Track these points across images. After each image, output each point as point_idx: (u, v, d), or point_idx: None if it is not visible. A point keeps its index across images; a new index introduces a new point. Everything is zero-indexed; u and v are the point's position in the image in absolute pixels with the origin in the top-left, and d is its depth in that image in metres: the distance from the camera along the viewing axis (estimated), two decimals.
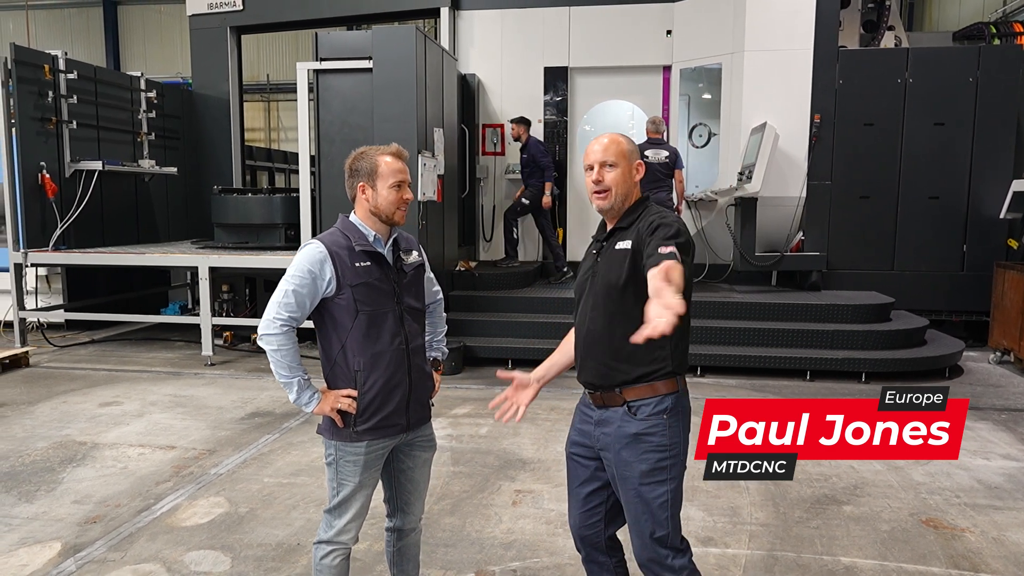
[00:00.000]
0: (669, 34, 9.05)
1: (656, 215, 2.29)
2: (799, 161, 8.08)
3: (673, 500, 2.33)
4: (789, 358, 6.90)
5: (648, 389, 2.31)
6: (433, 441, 2.76)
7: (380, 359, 2.50)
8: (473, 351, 7.36)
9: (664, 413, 2.31)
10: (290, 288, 2.45)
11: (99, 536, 3.70)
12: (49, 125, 8.11)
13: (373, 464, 2.56)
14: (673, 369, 2.32)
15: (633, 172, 2.39)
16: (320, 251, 2.46)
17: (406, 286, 2.59)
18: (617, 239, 2.34)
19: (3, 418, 5.67)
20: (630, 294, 2.26)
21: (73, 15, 19.89)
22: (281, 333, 2.45)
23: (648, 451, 2.30)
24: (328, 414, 2.50)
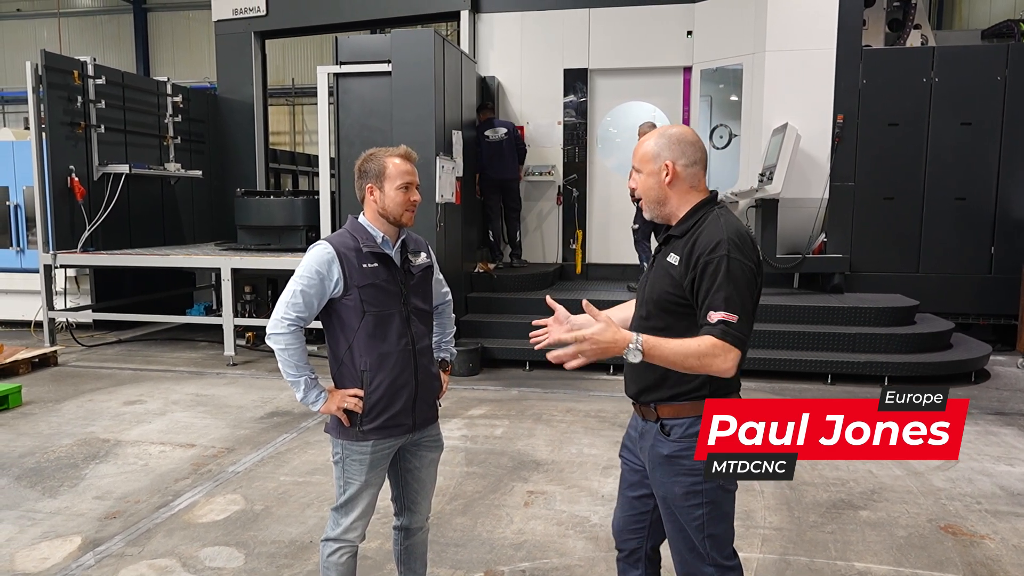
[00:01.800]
0: (690, 35, 9.00)
1: (710, 233, 2.09)
2: (821, 162, 7.99)
3: (710, 520, 2.19)
4: (810, 361, 6.82)
5: (680, 409, 2.19)
6: (440, 441, 2.77)
7: (386, 359, 2.53)
8: (491, 352, 7.38)
9: (697, 435, 2.15)
10: (298, 288, 2.48)
11: (118, 531, 3.78)
12: (78, 129, 8.29)
13: (379, 463, 2.59)
14: (710, 392, 2.16)
15: (661, 176, 2.19)
16: (328, 252, 2.49)
17: (413, 287, 2.61)
18: (670, 248, 2.20)
19: (31, 415, 5.81)
20: (670, 313, 2.17)
21: (105, 22, 20.33)
22: (289, 333, 2.49)
23: (681, 474, 2.18)
24: (334, 413, 2.53)
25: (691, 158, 2.19)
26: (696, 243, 2.11)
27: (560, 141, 9.49)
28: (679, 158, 2.19)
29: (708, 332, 2.03)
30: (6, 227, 9.41)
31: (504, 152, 8.55)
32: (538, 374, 7.18)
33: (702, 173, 2.24)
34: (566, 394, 6.44)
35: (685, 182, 2.20)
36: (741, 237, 2.09)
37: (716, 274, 2.04)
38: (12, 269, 9.49)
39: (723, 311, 2.01)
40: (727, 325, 2.01)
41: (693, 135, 2.24)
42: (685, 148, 2.19)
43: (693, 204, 2.20)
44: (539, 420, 5.67)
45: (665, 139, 2.21)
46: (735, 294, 2.02)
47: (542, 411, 5.92)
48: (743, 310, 2.03)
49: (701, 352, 2.01)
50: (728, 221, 2.13)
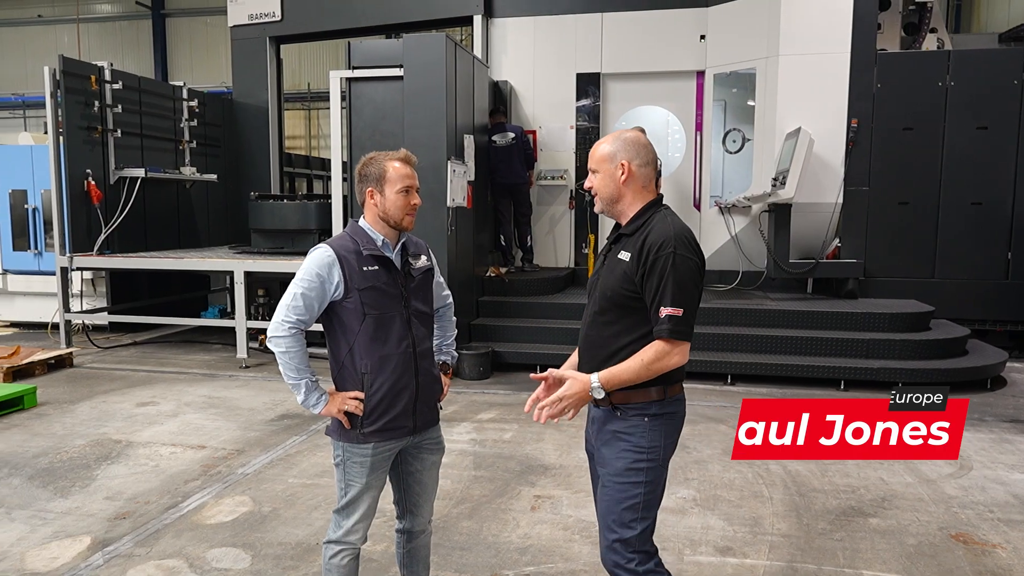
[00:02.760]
0: (703, 39, 8.98)
1: (658, 232, 2.27)
2: (835, 166, 7.93)
3: (645, 503, 2.31)
4: (823, 367, 6.77)
5: (635, 394, 2.32)
6: (441, 444, 2.78)
7: (387, 362, 2.54)
8: (502, 356, 7.38)
9: (646, 415, 2.32)
10: (299, 291, 2.50)
11: (127, 532, 3.81)
12: (95, 134, 8.40)
13: (380, 466, 2.59)
14: (661, 378, 2.31)
15: (616, 175, 2.36)
16: (328, 255, 2.51)
17: (414, 290, 2.62)
18: (621, 246, 2.36)
19: (46, 416, 5.88)
20: (622, 307, 2.32)
21: (124, 27, 20.58)
22: (289, 336, 2.50)
23: (626, 449, 2.32)
24: (335, 416, 2.54)
25: (644, 159, 2.37)
26: (646, 240, 2.28)
27: (573, 145, 9.49)
28: (634, 158, 2.36)
29: (658, 331, 2.24)
30: (24, 230, 9.54)
31: (512, 157, 8.56)
32: None
33: (654, 174, 2.41)
34: None
35: (639, 181, 2.37)
36: (686, 235, 2.29)
37: (664, 269, 2.22)
38: (30, 271, 9.61)
39: (670, 306, 2.22)
40: (674, 322, 2.22)
41: (646, 139, 2.42)
42: (639, 150, 2.37)
43: (643, 204, 2.37)
44: (548, 424, 5.62)
45: (621, 141, 2.39)
46: (681, 288, 2.22)
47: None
48: (688, 303, 2.23)
49: (653, 359, 2.25)
50: (674, 221, 2.33)
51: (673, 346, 2.23)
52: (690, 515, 4.01)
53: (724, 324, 7.31)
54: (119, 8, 20.50)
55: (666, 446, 2.35)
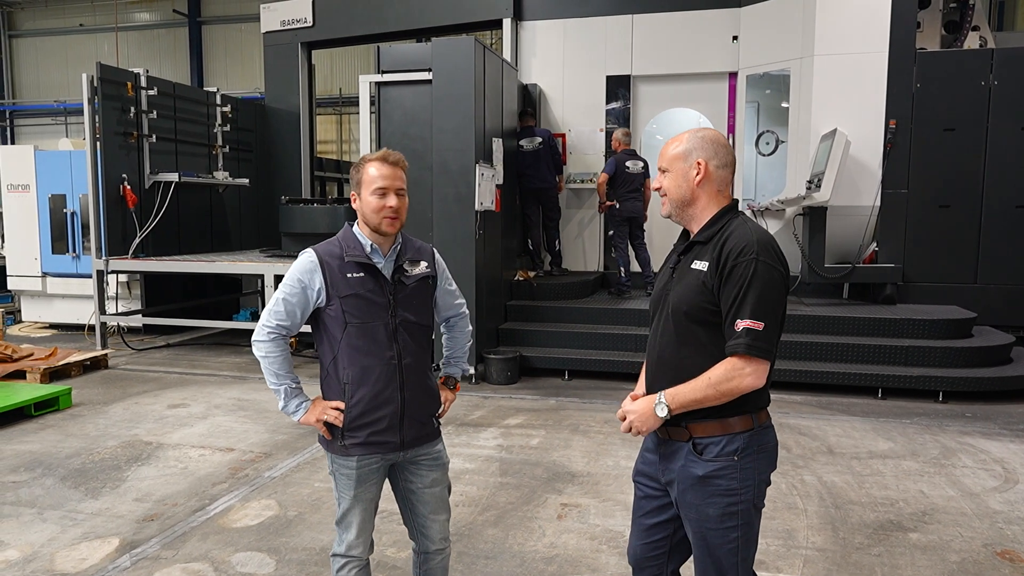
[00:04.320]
0: (735, 40, 8.84)
1: (738, 237, 2.04)
2: (872, 169, 7.74)
3: (744, 545, 2.11)
4: (860, 375, 6.59)
5: (717, 426, 2.07)
6: (441, 460, 2.62)
7: (368, 373, 2.43)
8: (530, 361, 7.32)
9: (735, 454, 2.07)
10: (281, 296, 2.44)
11: (155, 534, 3.83)
12: (131, 139, 8.55)
13: (367, 479, 2.49)
14: (753, 404, 2.06)
15: (690, 175, 2.13)
16: (311, 261, 2.43)
17: (404, 299, 2.47)
18: (695, 255, 2.12)
19: (79, 417, 5.96)
20: (700, 322, 2.08)
21: (162, 35, 20.97)
22: (269, 340, 2.44)
23: (716, 495, 2.08)
24: (313, 425, 2.47)
25: (723, 160, 2.15)
26: (724, 246, 2.05)
27: (602, 148, 9.41)
28: (711, 158, 2.14)
29: (732, 345, 2.00)
30: (63, 234, 9.74)
31: (539, 161, 8.50)
32: (577, 383, 7.10)
33: (731, 178, 2.19)
34: (604, 405, 6.34)
35: (715, 184, 2.15)
36: (770, 242, 2.06)
37: (744, 277, 1.99)
38: (68, 274, 9.82)
39: (749, 319, 1.98)
40: (752, 336, 1.97)
41: (725, 139, 2.20)
42: (718, 149, 2.15)
43: (718, 209, 2.15)
44: (576, 431, 5.59)
45: (698, 139, 2.16)
46: (763, 299, 1.98)
47: (579, 421, 5.83)
48: (770, 316, 1.99)
49: (722, 377, 2.01)
50: (756, 227, 2.10)
51: (748, 364, 1.97)
52: None
53: None
54: (157, 16, 20.89)
55: (759, 483, 2.10)
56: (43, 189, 9.77)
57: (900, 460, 4.94)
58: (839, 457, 5.00)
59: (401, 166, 2.46)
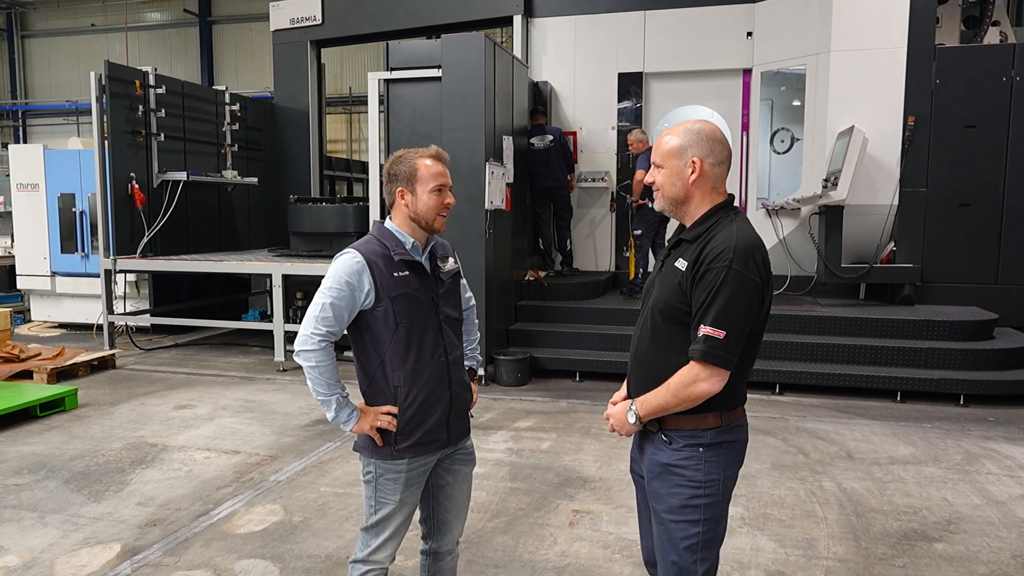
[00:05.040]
0: (750, 36, 8.70)
1: (719, 240, 1.99)
2: (890, 167, 7.57)
3: (705, 543, 2.08)
4: (878, 377, 6.45)
5: (687, 420, 2.07)
6: (473, 455, 2.63)
7: (420, 373, 2.38)
8: (540, 362, 7.21)
9: (701, 446, 2.07)
10: (327, 301, 2.33)
11: (157, 540, 3.74)
12: (139, 138, 8.48)
13: (415, 481, 2.45)
14: (719, 403, 2.06)
15: (684, 173, 2.08)
16: (357, 261, 2.34)
17: (443, 295, 2.47)
18: (679, 252, 2.10)
19: (85, 418, 5.90)
20: (674, 322, 2.07)
21: (172, 35, 21.00)
22: (319, 349, 2.34)
23: (679, 485, 2.08)
24: (367, 432, 2.40)
25: (719, 157, 2.09)
26: (704, 248, 2.01)
27: (614, 147, 9.29)
28: (707, 156, 2.07)
29: (691, 350, 2.00)
30: (72, 233, 9.71)
31: (551, 160, 8.39)
32: (588, 385, 6.98)
33: (726, 174, 2.13)
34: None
35: (709, 182, 2.10)
36: (750, 248, 1.98)
37: (714, 284, 1.95)
38: (77, 273, 9.78)
39: (710, 326, 1.95)
40: (710, 344, 1.95)
41: (721, 133, 2.13)
42: (714, 146, 2.08)
43: (711, 207, 2.10)
44: (587, 434, 5.47)
45: (693, 135, 2.09)
46: (728, 308, 1.94)
47: (591, 424, 5.72)
48: (733, 326, 1.95)
49: (679, 384, 2.01)
50: (741, 229, 2.02)
51: (704, 370, 1.96)
52: (738, 535, 3.78)
53: (772, 331, 7.01)
54: (168, 16, 20.91)
55: (725, 479, 2.10)
56: (52, 188, 9.75)
57: (922, 466, 4.80)
58: (859, 463, 4.86)
59: (447, 163, 2.47)
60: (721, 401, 2.05)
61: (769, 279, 2.03)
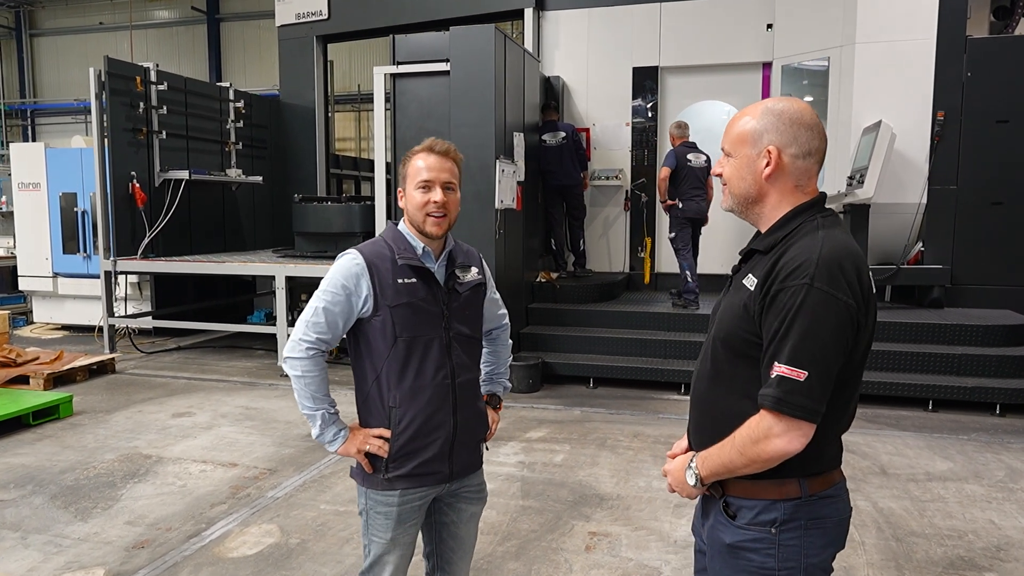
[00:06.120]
0: (770, 28, 8.38)
1: (799, 250, 1.56)
2: (919, 164, 7.24)
3: None
4: (907, 385, 6.13)
5: (758, 487, 1.62)
6: (483, 492, 2.34)
7: (419, 394, 2.10)
8: (552, 368, 6.94)
9: (772, 525, 1.61)
10: (321, 305, 2.09)
11: (143, 564, 3.49)
12: (140, 136, 8.26)
13: (408, 518, 2.16)
14: (800, 467, 1.58)
15: (757, 166, 1.64)
16: (357, 263, 2.09)
17: (457, 309, 2.17)
18: (750, 266, 1.68)
19: (79, 426, 5.67)
20: (740, 355, 1.64)
21: (180, 32, 20.83)
22: (307, 357, 2.09)
23: (747, 572, 1.65)
24: (354, 456, 2.14)
25: (805, 147, 1.63)
26: (779, 262, 1.57)
27: (628, 143, 9.00)
28: (788, 145, 1.63)
29: (761, 396, 1.54)
30: (74, 233, 9.51)
31: (563, 157, 8.10)
32: (603, 392, 6.70)
33: (816, 169, 1.67)
34: (633, 416, 5.94)
35: (791, 178, 1.65)
36: (841, 262, 1.53)
37: (789, 307, 1.51)
38: (79, 275, 9.57)
39: (786, 364, 1.50)
40: (787, 388, 1.50)
41: (812, 116, 1.65)
42: (799, 132, 1.62)
43: (791, 207, 1.65)
44: (603, 446, 5.19)
45: (773, 117, 1.63)
46: (809, 340, 1.49)
47: (607, 435, 5.44)
48: (818, 363, 1.49)
49: (748, 438, 1.56)
50: (830, 236, 1.58)
51: (779, 423, 1.51)
52: None
53: None
54: (176, 14, 20.75)
55: (808, 569, 1.61)
56: (54, 187, 9.55)
57: (962, 483, 4.49)
58: (894, 479, 4.56)
59: (452, 156, 2.14)
60: (802, 463, 1.58)
61: (868, 300, 1.57)
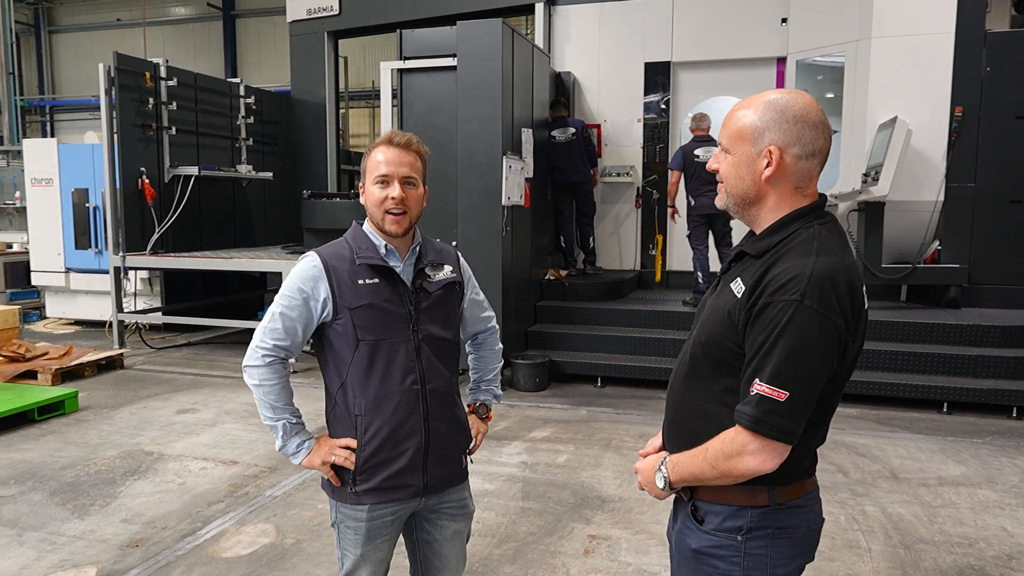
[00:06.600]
0: (784, 22, 8.23)
1: (791, 261, 1.46)
2: (935, 161, 7.08)
3: None
4: (922, 386, 6.00)
5: (727, 492, 1.56)
6: (467, 508, 2.21)
7: (385, 402, 1.99)
8: (560, 366, 6.86)
9: (739, 533, 1.55)
10: (278, 311, 2.01)
11: (136, 563, 3.47)
12: (150, 131, 8.28)
13: (379, 533, 2.06)
14: (770, 476, 1.50)
15: (756, 165, 1.53)
16: (314, 265, 2.01)
17: (427, 310, 2.06)
18: (739, 269, 1.58)
19: (84, 422, 5.68)
20: (719, 361, 1.56)
21: (196, 29, 20.93)
22: (264, 365, 2.00)
23: None
24: (319, 468, 2.05)
25: (809, 147, 1.52)
26: (768, 272, 1.48)
27: (639, 140, 8.89)
28: (791, 145, 1.51)
29: (739, 412, 1.47)
30: (86, 228, 9.55)
31: (572, 154, 8.02)
32: (610, 391, 6.61)
33: (818, 171, 1.56)
34: (640, 416, 5.85)
35: (792, 180, 1.54)
36: (834, 278, 1.43)
37: (776, 324, 1.42)
38: (91, 270, 9.62)
39: (767, 383, 1.43)
40: (766, 408, 1.43)
41: (817, 112, 1.53)
42: (803, 131, 1.51)
43: (790, 210, 1.55)
44: (608, 447, 5.12)
45: (775, 113, 1.52)
46: (794, 360, 1.41)
47: (612, 435, 5.36)
48: (800, 385, 1.42)
49: (721, 453, 1.50)
50: (825, 248, 1.47)
51: (754, 441, 1.45)
52: None
53: None
54: (192, 10, 20.85)
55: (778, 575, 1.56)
56: (66, 183, 9.59)
57: (975, 488, 4.37)
58: (904, 483, 4.44)
59: (414, 149, 2.02)
60: (775, 472, 1.49)
61: (859, 319, 1.48)
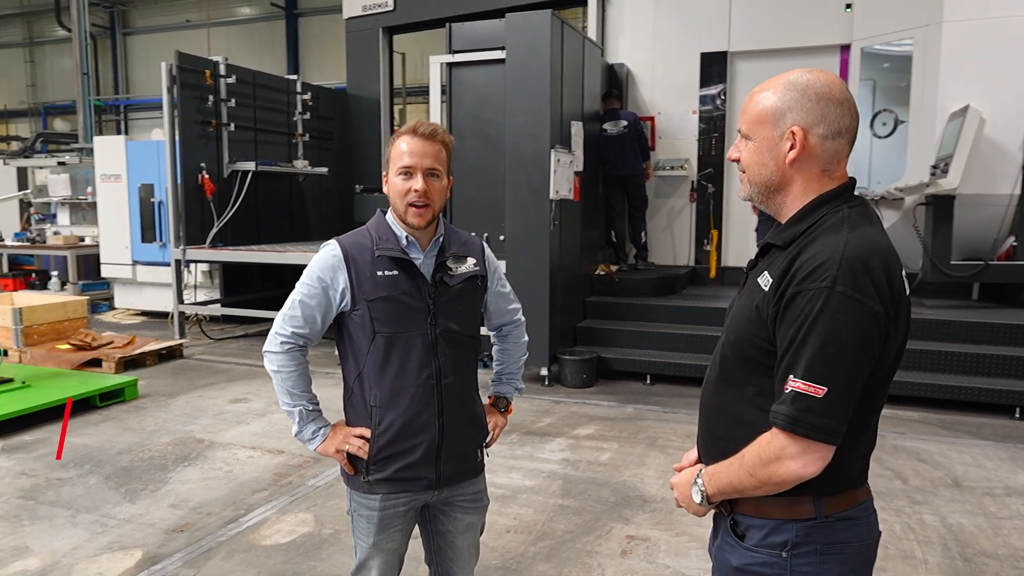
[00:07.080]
0: (848, 8, 7.90)
1: (821, 247, 1.35)
2: (1012, 151, 6.68)
3: None
4: (992, 391, 5.67)
5: (769, 505, 1.44)
6: (482, 501, 2.20)
7: (400, 394, 1.99)
8: (608, 363, 6.76)
9: (783, 549, 1.43)
10: (297, 299, 2.02)
11: (180, 547, 3.55)
12: (209, 128, 8.50)
13: (391, 523, 2.06)
14: (814, 485, 1.38)
15: (779, 149, 1.42)
16: (334, 255, 2.01)
17: (445, 304, 2.03)
18: (767, 263, 1.48)
19: (142, 409, 5.87)
20: (750, 361, 1.45)
21: (261, 28, 21.48)
22: (282, 352, 2.03)
23: None
24: (332, 456, 2.06)
25: (835, 125, 1.41)
26: (796, 260, 1.37)
27: (695, 132, 8.68)
28: (816, 124, 1.41)
29: (774, 413, 1.36)
30: (151, 223, 9.89)
31: (624, 146, 7.88)
32: (659, 389, 6.48)
33: (847, 151, 1.45)
34: (688, 415, 5.71)
35: (818, 162, 1.43)
36: (867, 260, 1.32)
37: (807, 313, 1.31)
38: (156, 263, 9.96)
39: (802, 378, 1.31)
40: (802, 405, 1.31)
41: (841, 89, 1.43)
42: (827, 109, 1.41)
43: (816, 195, 1.43)
44: (653, 445, 5.00)
45: (796, 92, 1.41)
46: (829, 351, 1.30)
47: (658, 434, 5.24)
48: (838, 378, 1.30)
49: (758, 459, 1.38)
50: (856, 231, 1.36)
51: (793, 444, 1.33)
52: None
53: None
54: (257, 10, 21.40)
55: None
56: (133, 179, 9.95)
57: None
58: (968, 492, 4.20)
59: (439, 139, 1.98)
60: (817, 481, 1.37)
61: (899, 305, 1.36)
